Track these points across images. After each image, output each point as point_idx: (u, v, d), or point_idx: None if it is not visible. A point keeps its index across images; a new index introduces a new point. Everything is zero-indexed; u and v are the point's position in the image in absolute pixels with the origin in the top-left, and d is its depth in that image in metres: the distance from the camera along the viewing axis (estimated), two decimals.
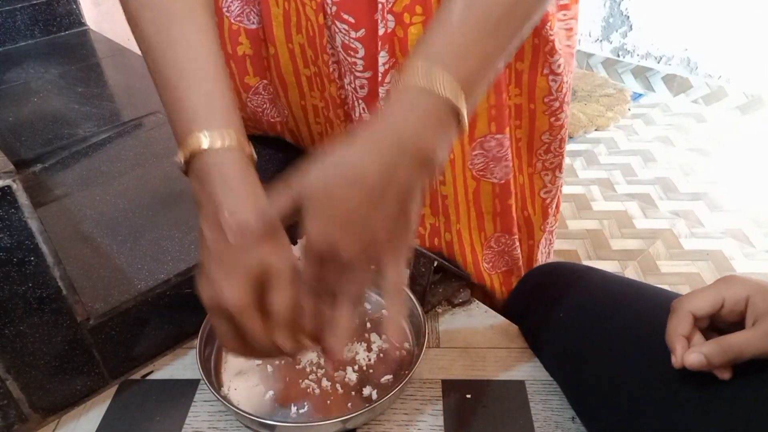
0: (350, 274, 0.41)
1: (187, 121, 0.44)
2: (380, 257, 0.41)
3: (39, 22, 1.21)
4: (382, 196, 0.39)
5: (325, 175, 0.39)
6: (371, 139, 0.39)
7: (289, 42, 0.65)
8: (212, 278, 0.43)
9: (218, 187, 0.43)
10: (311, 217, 0.39)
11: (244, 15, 0.67)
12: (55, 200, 0.72)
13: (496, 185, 0.66)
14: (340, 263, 0.40)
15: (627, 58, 2.71)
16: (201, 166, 0.43)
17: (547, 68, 0.61)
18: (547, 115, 0.65)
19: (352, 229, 0.39)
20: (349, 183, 0.38)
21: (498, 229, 0.70)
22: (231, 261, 0.42)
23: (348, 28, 0.57)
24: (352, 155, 0.39)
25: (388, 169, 0.38)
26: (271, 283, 0.43)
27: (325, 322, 0.44)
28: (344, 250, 0.39)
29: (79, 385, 0.56)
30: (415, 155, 0.39)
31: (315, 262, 0.41)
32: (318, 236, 0.39)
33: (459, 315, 0.67)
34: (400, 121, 0.39)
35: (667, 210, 2.04)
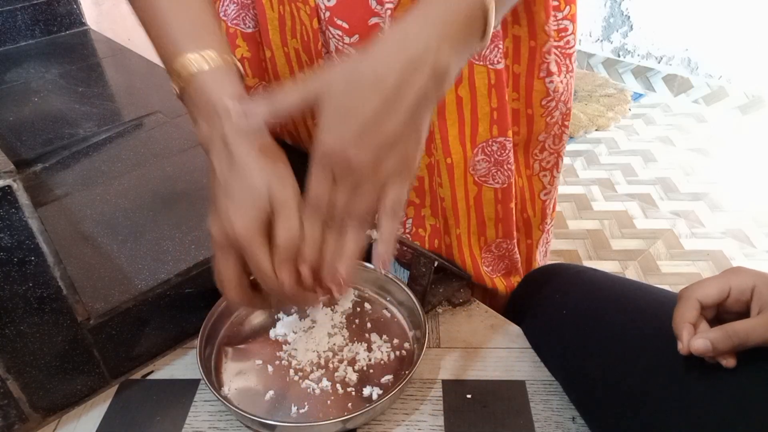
0: (358, 191, 0.41)
1: (173, 45, 0.45)
2: (388, 173, 0.40)
3: (39, 22, 1.21)
4: (397, 102, 0.39)
5: (344, 77, 0.39)
6: (393, 41, 0.39)
7: (285, 46, 0.65)
8: (221, 210, 0.43)
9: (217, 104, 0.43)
10: (326, 123, 0.39)
11: (240, 18, 0.67)
12: (55, 200, 0.72)
13: (498, 190, 0.66)
14: (349, 175, 0.40)
15: (627, 58, 2.71)
16: (195, 90, 0.44)
17: (544, 71, 0.61)
18: (544, 117, 0.65)
19: (366, 135, 0.39)
20: (366, 86, 0.38)
21: (500, 235, 0.70)
22: (238, 191, 0.42)
23: (342, 34, 0.57)
24: (372, 61, 0.39)
25: (404, 76, 0.38)
26: (275, 210, 0.42)
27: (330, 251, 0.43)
28: (357, 159, 0.39)
29: (80, 384, 0.56)
30: (433, 66, 0.39)
31: (325, 177, 0.41)
32: (332, 144, 0.39)
33: (459, 315, 0.67)
34: (422, 26, 0.39)
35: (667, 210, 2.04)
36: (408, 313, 0.63)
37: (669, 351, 0.45)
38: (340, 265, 0.43)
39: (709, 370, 0.43)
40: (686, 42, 2.49)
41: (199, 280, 0.61)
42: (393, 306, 0.65)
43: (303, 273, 0.44)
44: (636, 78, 2.69)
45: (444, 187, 0.64)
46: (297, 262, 0.43)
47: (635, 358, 0.49)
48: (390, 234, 0.42)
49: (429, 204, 0.67)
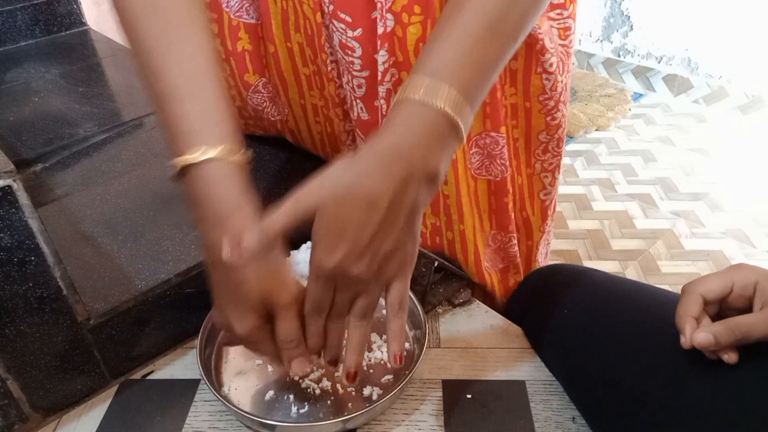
0: (362, 297, 0.43)
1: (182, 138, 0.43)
2: (391, 274, 0.42)
3: (40, 22, 1.21)
4: (393, 220, 0.40)
5: (336, 199, 0.40)
6: (380, 159, 0.40)
7: (288, 41, 0.65)
8: (222, 309, 0.45)
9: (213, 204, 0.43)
10: (323, 244, 0.40)
11: (243, 9, 0.67)
12: (55, 200, 0.72)
13: (491, 182, 0.66)
14: (352, 285, 0.42)
15: (627, 58, 2.71)
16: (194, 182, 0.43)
17: (540, 67, 0.61)
18: (543, 114, 0.65)
19: (366, 252, 0.40)
20: (362, 207, 0.39)
21: (494, 227, 0.70)
22: (235, 292, 0.44)
23: (345, 27, 0.57)
24: (363, 177, 0.39)
25: (400, 191, 0.39)
26: (275, 314, 0.44)
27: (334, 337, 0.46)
28: (359, 273, 0.40)
29: (80, 384, 0.56)
30: (423, 173, 0.40)
31: (326, 286, 0.42)
32: (334, 265, 0.40)
33: (459, 315, 0.67)
34: (405, 139, 0.40)
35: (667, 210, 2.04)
36: (408, 313, 0.63)
37: (669, 351, 0.45)
38: (349, 358, 0.45)
39: (710, 369, 0.43)
40: (686, 42, 2.49)
41: (199, 280, 0.60)
42: None
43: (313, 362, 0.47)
44: (636, 78, 2.69)
45: (449, 184, 0.64)
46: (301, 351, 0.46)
47: (635, 358, 0.49)
48: (399, 330, 0.44)
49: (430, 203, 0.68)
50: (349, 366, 0.46)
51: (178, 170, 0.44)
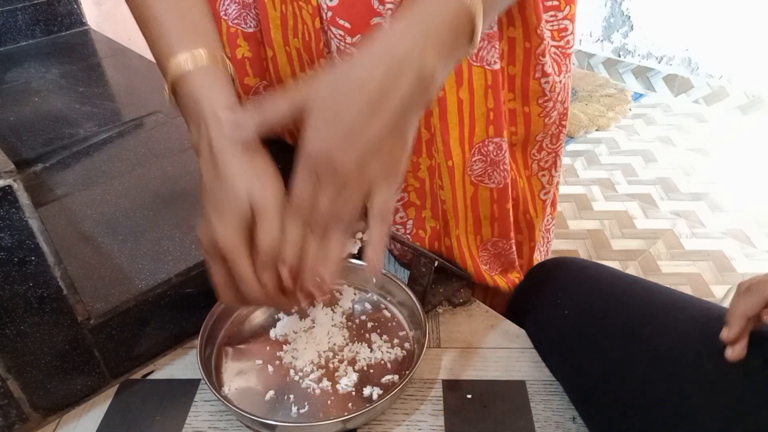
0: (343, 194, 0.41)
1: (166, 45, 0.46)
2: (373, 176, 0.41)
3: (40, 22, 1.21)
4: (381, 106, 0.39)
5: (329, 84, 0.40)
6: (377, 51, 0.40)
7: (287, 45, 0.65)
8: (207, 219, 0.44)
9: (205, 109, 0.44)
10: (312, 125, 0.40)
11: (241, 18, 0.67)
12: (55, 200, 0.72)
13: (494, 190, 0.66)
14: (333, 177, 0.40)
15: (628, 58, 2.71)
16: (186, 91, 0.45)
17: (539, 71, 0.61)
18: (542, 117, 0.65)
19: (350, 138, 0.39)
20: (351, 91, 0.39)
21: (495, 234, 0.70)
22: (221, 199, 0.43)
23: (344, 34, 0.57)
24: (357, 66, 0.39)
25: (388, 80, 0.39)
26: (257, 217, 0.43)
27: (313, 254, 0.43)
28: (341, 161, 0.39)
29: (80, 384, 0.56)
30: (418, 71, 0.39)
31: (309, 179, 0.41)
32: (317, 147, 0.39)
33: (459, 315, 0.67)
34: (410, 31, 0.39)
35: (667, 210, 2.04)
36: (408, 313, 0.63)
37: (670, 351, 0.45)
38: (322, 268, 0.43)
39: (711, 371, 0.43)
40: (686, 42, 2.49)
41: (199, 280, 0.61)
42: (393, 306, 0.65)
43: (282, 275, 0.44)
44: (636, 78, 2.69)
45: (445, 190, 0.64)
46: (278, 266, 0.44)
47: (636, 358, 0.49)
48: (379, 239, 0.42)
49: (430, 206, 0.68)
50: (320, 275, 0.43)
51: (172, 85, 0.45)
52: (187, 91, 0.45)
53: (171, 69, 0.45)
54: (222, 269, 0.45)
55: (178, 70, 0.45)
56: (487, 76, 0.58)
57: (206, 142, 0.44)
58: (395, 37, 0.40)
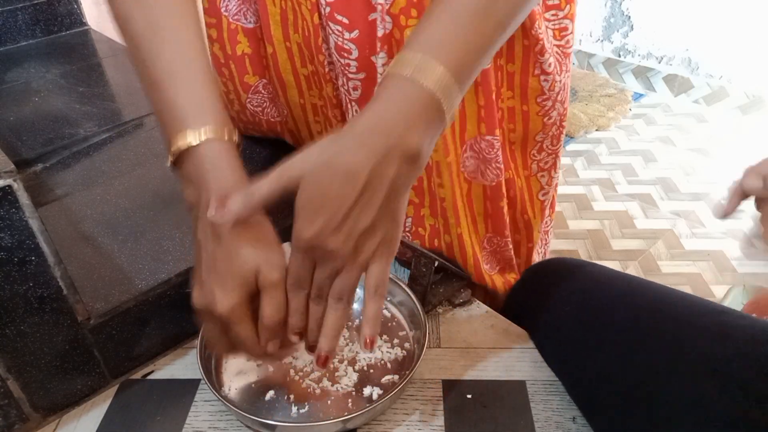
0: (340, 274, 0.42)
1: (175, 121, 0.45)
2: (368, 255, 0.42)
3: (40, 22, 1.21)
4: (372, 194, 0.39)
5: (318, 171, 0.40)
6: (361, 134, 0.40)
7: (287, 41, 0.65)
8: (205, 284, 0.44)
9: (208, 182, 0.43)
10: (303, 215, 0.40)
11: (241, 14, 0.67)
12: (55, 200, 0.72)
13: (486, 187, 0.66)
14: (330, 261, 0.41)
15: (628, 58, 2.71)
16: (188, 164, 0.45)
17: (538, 68, 0.61)
18: (541, 116, 0.65)
19: (343, 226, 0.40)
20: (341, 180, 0.39)
21: (489, 230, 0.70)
22: (224, 267, 0.43)
23: (342, 29, 0.57)
24: (344, 151, 0.40)
25: (378, 166, 0.39)
26: (262, 291, 0.44)
27: (314, 320, 0.45)
28: (335, 248, 0.40)
29: (80, 384, 0.56)
30: (403, 151, 0.40)
31: (305, 260, 0.42)
32: (310, 235, 0.40)
33: (460, 315, 0.67)
34: (388, 116, 0.40)
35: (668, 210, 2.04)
36: (408, 313, 0.63)
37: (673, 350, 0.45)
38: (322, 340, 0.44)
39: (715, 369, 0.43)
40: (687, 42, 2.49)
41: None
42: (393, 306, 0.65)
43: (292, 341, 0.46)
44: (636, 78, 2.69)
45: (445, 188, 0.64)
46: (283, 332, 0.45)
47: (638, 357, 0.49)
48: (374, 314, 0.44)
49: (428, 204, 0.68)
50: (320, 349, 0.45)
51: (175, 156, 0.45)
52: (191, 162, 0.45)
53: (176, 141, 0.45)
54: (216, 329, 0.45)
55: (183, 144, 0.44)
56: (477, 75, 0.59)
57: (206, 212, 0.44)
58: (379, 121, 0.40)
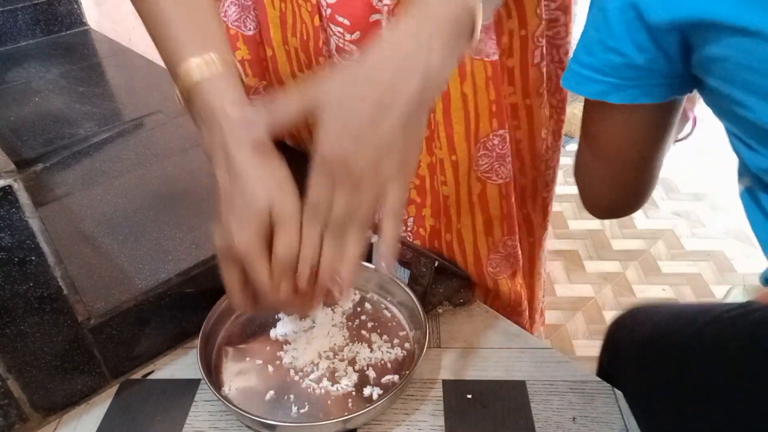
0: (358, 194, 0.41)
1: (176, 50, 0.45)
2: (387, 175, 0.41)
3: (40, 22, 1.21)
4: (392, 105, 0.39)
5: (339, 86, 0.40)
6: (384, 51, 0.40)
7: (286, 44, 0.65)
8: (224, 223, 0.44)
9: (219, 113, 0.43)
10: (324, 128, 0.40)
11: (241, 21, 0.67)
12: (56, 200, 0.72)
13: (501, 186, 0.66)
14: (349, 179, 0.40)
15: None
16: (198, 99, 0.45)
17: (538, 56, 0.61)
18: (543, 108, 0.65)
19: (363, 139, 0.39)
20: (361, 91, 0.39)
21: (505, 233, 0.70)
22: (240, 203, 0.43)
23: (343, 31, 0.57)
24: (365, 67, 0.40)
25: (397, 78, 0.39)
26: (276, 226, 0.43)
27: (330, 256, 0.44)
28: (354, 162, 0.40)
29: (80, 384, 0.57)
30: (425, 68, 0.40)
31: (325, 180, 0.41)
32: (330, 147, 0.40)
33: (460, 315, 0.67)
34: (412, 33, 0.40)
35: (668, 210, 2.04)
36: (408, 313, 0.63)
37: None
38: (341, 267, 0.43)
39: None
40: None
41: (199, 280, 0.61)
42: (393, 306, 0.65)
43: (302, 276, 0.44)
44: None
45: (448, 185, 0.64)
46: (296, 269, 0.44)
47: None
48: (392, 235, 0.43)
49: (429, 204, 0.68)
50: (340, 276, 0.44)
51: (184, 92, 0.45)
52: (201, 98, 0.45)
53: (183, 75, 0.45)
54: (236, 274, 0.45)
55: (191, 78, 0.44)
56: (487, 68, 0.59)
57: (221, 146, 0.44)
58: (401, 36, 0.40)
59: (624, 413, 0.54)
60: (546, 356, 0.61)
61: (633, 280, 1.80)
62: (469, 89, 0.59)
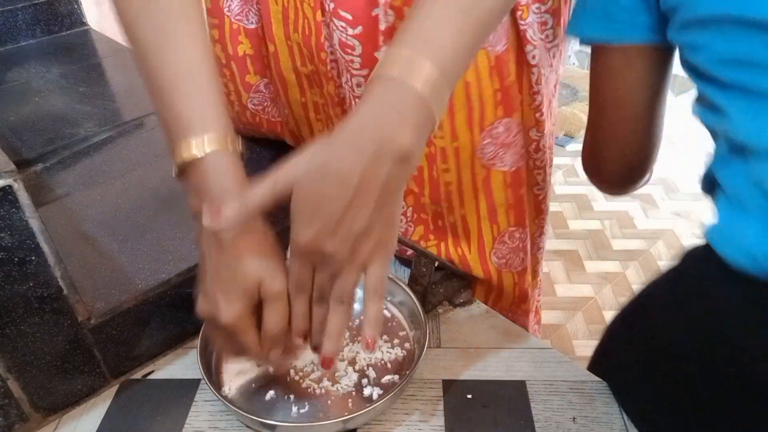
0: (338, 276, 0.42)
1: (179, 129, 0.45)
2: (366, 256, 0.42)
3: (40, 22, 1.21)
4: (366, 195, 0.39)
5: (311, 175, 0.40)
6: (351, 136, 0.40)
7: (288, 39, 0.65)
8: (209, 295, 0.45)
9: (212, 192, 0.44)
10: (299, 220, 0.40)
11: (243, 14, 0.67)
12: (56, 200, 0.72)
13: (507, 174, 0.66)
14: (328, 264, 0.42)
15: None
16: (192, 175, 0.45)
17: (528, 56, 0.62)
18: (533, 110, 0.65)
19: (338, 229, 0.40)
20: (334, 184, 0.39)
21: (512, 223, 0.69)
22: (227, 277, 0.44)
23: (345, 25, 0.57)
24: (334, 154, 0.40)
25: (369, 166, 0.39)
26: (265, 302, 0.44)
27: (318, 322, 0.46)
28: (333, 252, 0.40)
29: (80, 384, 0.57)
30: (394, 152, 0.40)
31: (304, 264, 0.43)
32: (307, 240, 0.40)
33: (460, 315, 0.67)
34: (377, 118, 0.40)
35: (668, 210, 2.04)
36: (408, 313, 0.63)
37: None
38: (326, 342, 0.45)
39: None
40: None
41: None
42: (393, 306, 0.65)
43: (297, 344, 0.46)
44: None
45: (450, 172, 0.64)
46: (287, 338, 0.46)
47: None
48: (375, 315, 0.44)
49: (428, 193, 0.68)
50: (324, 351, 0.45)
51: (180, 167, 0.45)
52: (196, 174, 0.45)
53: (180, 152, 0.45)
54: (221, 336, 0.47)
55: (188, 155, 0.44)
56: (491, 58, 0.59)
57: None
58: (373, 119, 0.40)
59: (624, 413, 0.54)
60: (546, 356, 0.61)
61: (633, 280, 1.80)
62: (472, 77, 0.60)
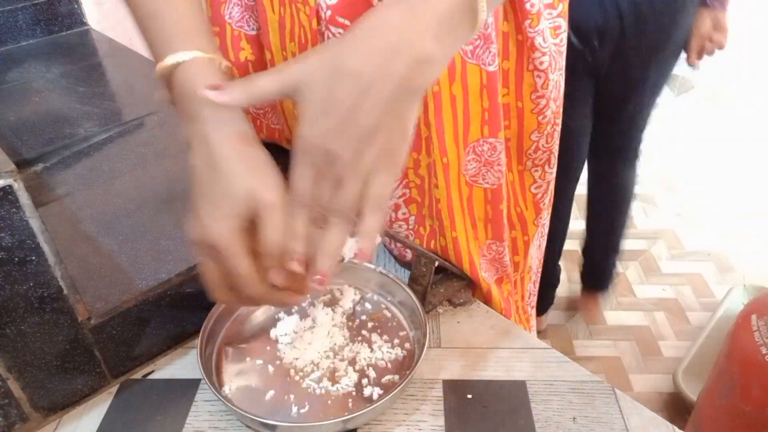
0: (342, 185, 0.40)
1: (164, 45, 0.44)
2: (371, 166, 0.39)
3: (41, 22, 1.21)
4: (376, 93, 0.37)
5: (322, 70, 0.38)
6: (371, 34, 0.38)
7: (284, 49, 0.65)
8: (199, 214, 0.42)
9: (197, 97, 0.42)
10: (306, 116, 0.38)
11: (243, 21, 0.67)
12: (56, 199, 0.72)
13: (488, 190, 0.66)
14: (331, 168, 0.39)
15: None
16: (177, 85, 0.43)
17: (531, 64, 0.61)
18: (535, 114, 0.65)
19: (346, 128, 0.38)
20: (344, 78, 0.37)
21: (489, 236, 0.70)
22: (218, 194, 0.41)
23: (343, 33, 0.57)
24: (350, 50, 0.38)
25: (383, 65, 0.37)
26: (260, 214, 0.41)
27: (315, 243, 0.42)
28: (338, 150, 0.38)
29: (80, 384, 0.57)
30: (414, 51, 0.38)
31: (307, 169, 0.40)
32: (313, 136, 0.38)
33: (460, 315, 0.67)
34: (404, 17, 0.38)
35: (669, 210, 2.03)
36: (409, 313, 0.63)
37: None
38: (321, 261, 0.41)
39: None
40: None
41: (199, 280, 0.60)
42: (393, 306, 0.65)
43: (294, 269, 0.42)
44: None
45: (440, 188, 0.64)
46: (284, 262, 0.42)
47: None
48: (371, 228, 0.41)
49: (427, 204, 0.68)
50: (318, 266, 0.41)
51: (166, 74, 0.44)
52: (179, 83, 0.43)
53: (162, 64, 0.44)
54: (216, 268, 0.44)
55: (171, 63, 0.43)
56: (483, 76, 0.59)
57: (200, 133, 0.42)
58: (391, 19, 0.38)
59: (624, 413, 0.54)
60: (546, 356, 0.61)
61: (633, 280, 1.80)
62: (458, 91, 0.59)
